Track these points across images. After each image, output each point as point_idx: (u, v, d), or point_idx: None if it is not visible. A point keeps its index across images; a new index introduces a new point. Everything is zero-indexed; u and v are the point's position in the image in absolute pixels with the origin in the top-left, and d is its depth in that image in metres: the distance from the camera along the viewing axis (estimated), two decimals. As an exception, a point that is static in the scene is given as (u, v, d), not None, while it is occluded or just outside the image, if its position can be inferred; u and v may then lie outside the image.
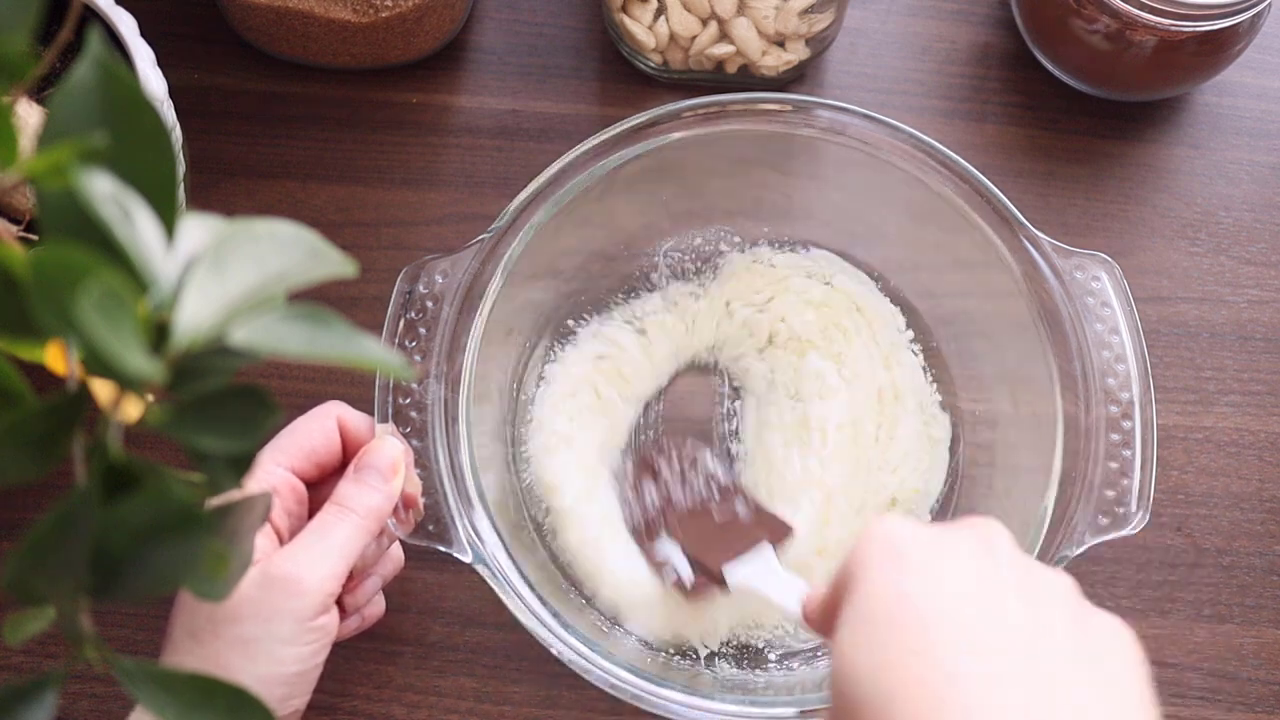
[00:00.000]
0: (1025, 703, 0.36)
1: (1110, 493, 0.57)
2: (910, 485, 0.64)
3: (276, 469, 0.53)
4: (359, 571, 0.57)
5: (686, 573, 0.60)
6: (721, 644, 0.62)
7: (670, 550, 0.60)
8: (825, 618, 0.44)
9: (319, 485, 0.55)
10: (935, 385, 0.66)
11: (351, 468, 0.53)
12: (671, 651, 0.61)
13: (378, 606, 0.59)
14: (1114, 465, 0.57)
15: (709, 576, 0.59)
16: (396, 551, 0.60)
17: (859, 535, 0.43)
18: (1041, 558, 0.56)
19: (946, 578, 0.40)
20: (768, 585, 0.56)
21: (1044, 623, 0.39)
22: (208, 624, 0.49)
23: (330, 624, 0.51)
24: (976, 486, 0.64)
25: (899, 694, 0.37)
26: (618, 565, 0.62)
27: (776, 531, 0.60)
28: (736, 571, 0.58)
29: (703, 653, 0.61)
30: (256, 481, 0.53)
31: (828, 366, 0.65)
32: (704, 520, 0.61)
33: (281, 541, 0.53)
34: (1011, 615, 0.39)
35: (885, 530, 0.42)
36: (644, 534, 0.62)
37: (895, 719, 0.37)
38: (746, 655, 0.62)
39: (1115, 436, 0.57)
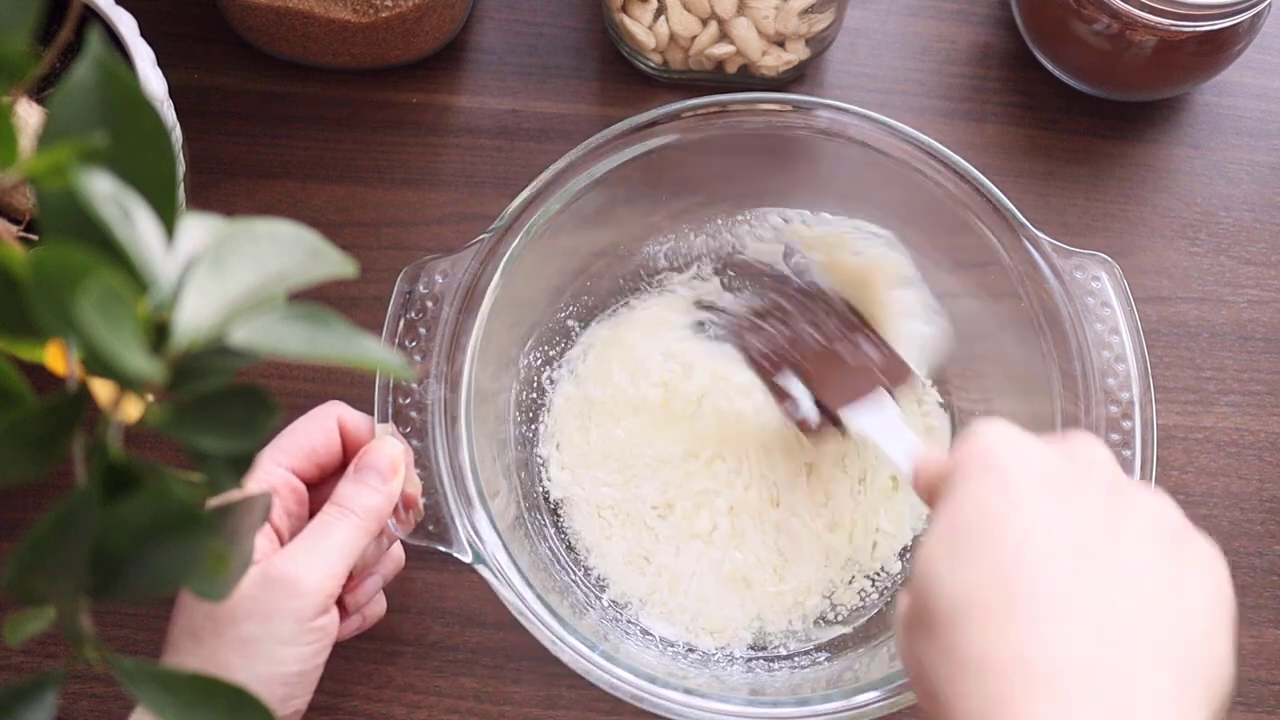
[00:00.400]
0: (1098, 624, 0.37)
1: (1110, 493, 0.56)
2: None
3: (276, 469, 0.53)
4: (359, 571, 0.57)
5: (811, 411, 0.59)
6: (728, 641, 0.62)
7: (795, 386, 0.60)
8: (930, 494, 0.45)
9: (319, 485, 0.55)
10: (934, 385, 0.66)
11: (351, 468, 0.53)
12: (685, 649, 0.61)
13: (378, 606, 0.59)
14: (1114, 465, 0.57)
15: (829, 418, 0.59)
16: (397, 551, 0.60)
17: (964, 435, 0.43)
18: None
19: (1039, 503, 0.40)
20: (885, 437, 0.56)
21: (1127, 558, 0.39)
22: (207, 624, 0.49)
23: (330, 624, 0.51)
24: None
25: (976, 600, 0.38)
26: (626, 560, 0.62)
27: (897, 374, 0.60)
28: (857, 418, 0.58)
29: (713, 647, 0.61)
30: (256, 482, 0.53)
31: None
32: (827, 359, 0.60)
33: (282, 542, 0.53)
34: (1096, 546, 0.39)
35: (988, 442, 0.42)
36: (767, 366, 0.61)
37: (967, 623, 0.38)
38: (755, 655, 0.62)
39: (1115, 436, 0.57)
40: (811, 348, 0.61)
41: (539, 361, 0.66)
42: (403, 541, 0.58)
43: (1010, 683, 0.37)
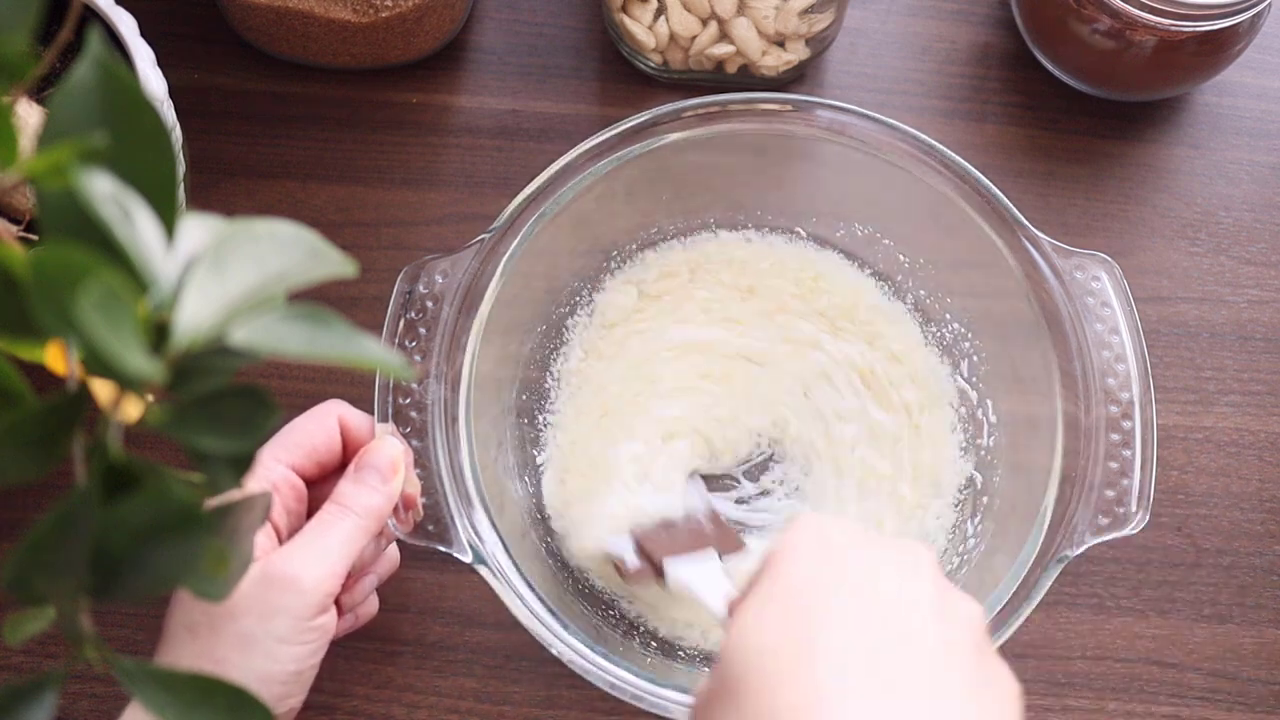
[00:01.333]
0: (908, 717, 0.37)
1: (1110, 493, 0.57)
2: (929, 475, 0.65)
3: (276, 465, 0.53)
4: (357, 571, 0.57)
5: (630, 557, 0.60)
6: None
7: (623, 540, 0.61)
8: (738, 603, 0.44)
9: (319, 484, 0.55)
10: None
11: (351, 467, 0.53)
12: (681, 650, 0.61)
13: (371, 605, 0.59)
14: (1114, 465, 0.57)
15: (652, 567, 0.59)
16: (393, 551, 0.60)
17: (790, 524, 0.43)
18: (1041, 557, 0.56)
19: (864, 577, 0.40)
20: (700, 584, 0.57)
21: (947, 644, 0.39)
22: (205, 619, 0.49)
23: (329, 623, 0.51)
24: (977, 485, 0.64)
25: (785, 679, 0.38)
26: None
27: (728, 543, 0.61)
28: (677, 567, 0.58)
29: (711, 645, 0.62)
30: (256, 478, 0.53)
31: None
32: (667, 526, 0.62)
33: (281, 539, 0.53)
34: (917, 629, 0.39)
35: (818, 523, 0.43)
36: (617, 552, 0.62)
37: (759, 678, 0.38)
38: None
39: (1115, 436, 0.57)
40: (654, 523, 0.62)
41: (538, 362, 0.66)
42: (403, 541, 0.58)
43: None
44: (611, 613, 0.62)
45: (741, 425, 0.66)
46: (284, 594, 0.49)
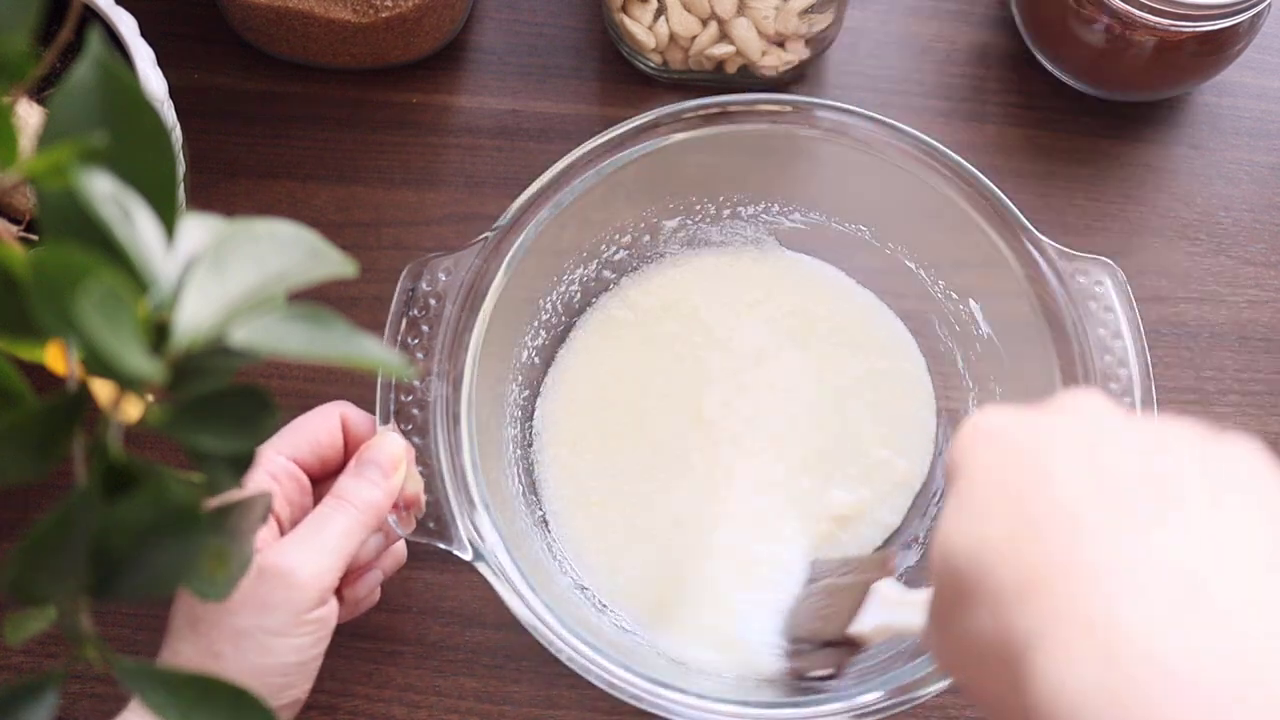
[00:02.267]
0: (1165, 544, 0.31)
1: (1110, 493, 0.56)
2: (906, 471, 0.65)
3: (278, 457, 0.53)
4: (358, 566, 0.56)
5: (822, 668, 0.54)
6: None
7: (800, 657, 0.56)
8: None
9: (320, 482, 0.55)
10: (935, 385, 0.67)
11: (353, 462, 0.53)
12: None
13: (372, 596, 0.59)
14: (1114, 466, 0.57)
15: (847, 648, 0.53)
16: (399, 547, 0.60)
17: (958, 431, 0.39)
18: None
19: (1054, 458, 0.35)
20: (896, 616, 0.52)
21: (1165, 467, 0.34)
22: (205, 613, 0.49)
23: (329, 615, 0.51)
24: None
25: (1014, 556, 0.33)
26: (623, 561, 0.62)
27: (881, 568, 0.55)
28: (864, 623, 0.52)
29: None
30: (259, 469, 0.53)
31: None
32: (811, 616, 0.57)
33: (282, 530, 0.53)
34: (1127, 466, 0.34)
35: (983, 422, 0.38)
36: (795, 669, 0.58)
37: (997, 586, 0.33)
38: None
39: (1115, 437, 0.57)
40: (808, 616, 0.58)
41: (539, 362, 0.66)
42: (404, 541, 0.58)
43: (1115, 584, 0.30)
44: (612, 614, 0.62)
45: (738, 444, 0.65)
46: (279, 588, 0.49)
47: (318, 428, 0.55)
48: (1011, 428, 0.37)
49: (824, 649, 0.54)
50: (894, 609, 0.52)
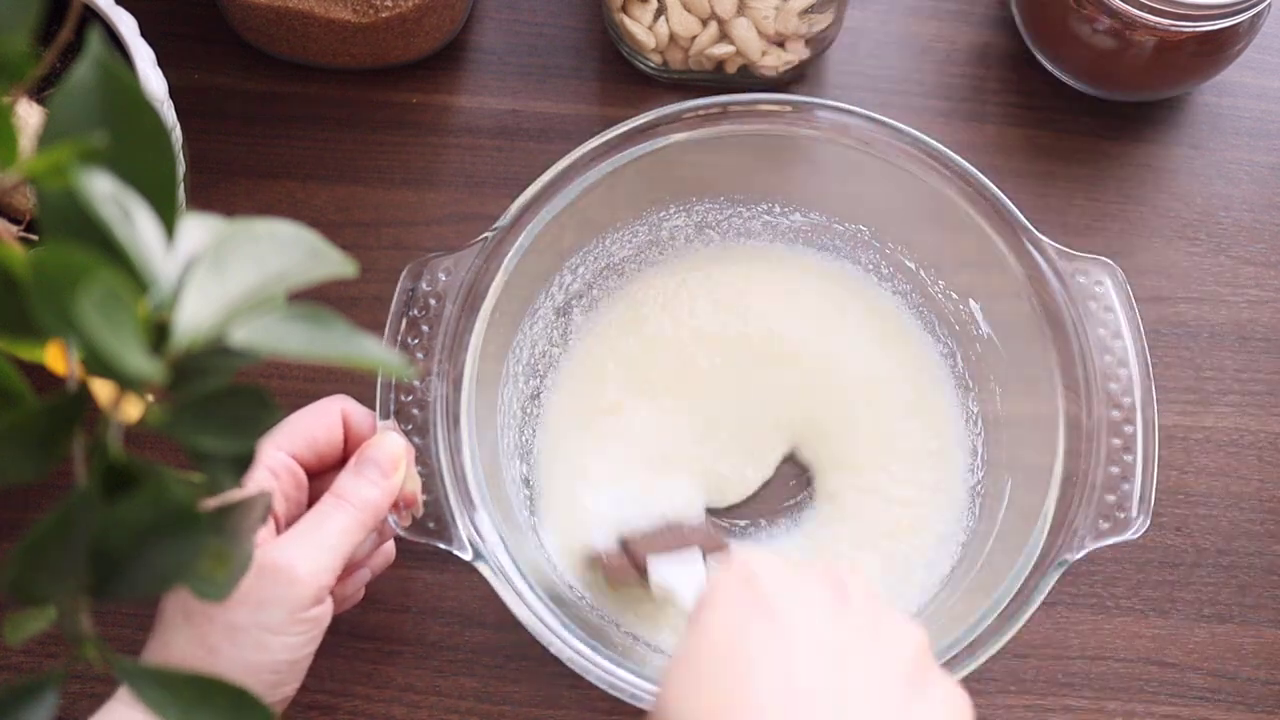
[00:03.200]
0: None
1: (1111, 497, 0.56)
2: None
3: (276, 453, 0.53)
4: (351, 564, 0.56)
5: (609, 547, 0.60)
6: None
7: (609, 541, 0.61)
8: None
9: (318, 477, 0.55)
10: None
11: (352, 461, 0.53)
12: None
13: (357, 595, 0.59)
14: (1115, 470, 0.57)
15: (635, 566, 0.59)
16: (388, 546, 0.60)
17: (726, 560, 0.43)
18: (1041, 561, 0.56)
19: (787, 622, 0.39)
20: (680, 584, 0.57)
21: (880, 672, 0.39)
22: (201, 606, 0.49)
23: (324, 614, 0.51)
24: (977, 487, 0.64)
25: None
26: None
27: (711, 543, 0.60)
28: (659, 566, 0.58)
29: None
30: (258, 464, 0.53)
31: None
32: (653, 531, 0.61)
33: (279, 527, 0.53)
34: (849, 665, 0.38)
35: (741, 567, 0.42)
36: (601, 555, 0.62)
37: None
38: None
39: (1116, 441, 0.57)
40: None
41: (541, 360, 0.66)
42: (403, 541, 0.58)
43: None
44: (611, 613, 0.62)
45: (746, 451, 0.65)
46: (278, 585, 0.49)
47: (316, 423, 0.55)
48: (759, 598, 0.41)
49: (624, 554, 0.60)
50: (686, 580, 0.57)
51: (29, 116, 0.57)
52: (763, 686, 0.38)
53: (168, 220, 0.28)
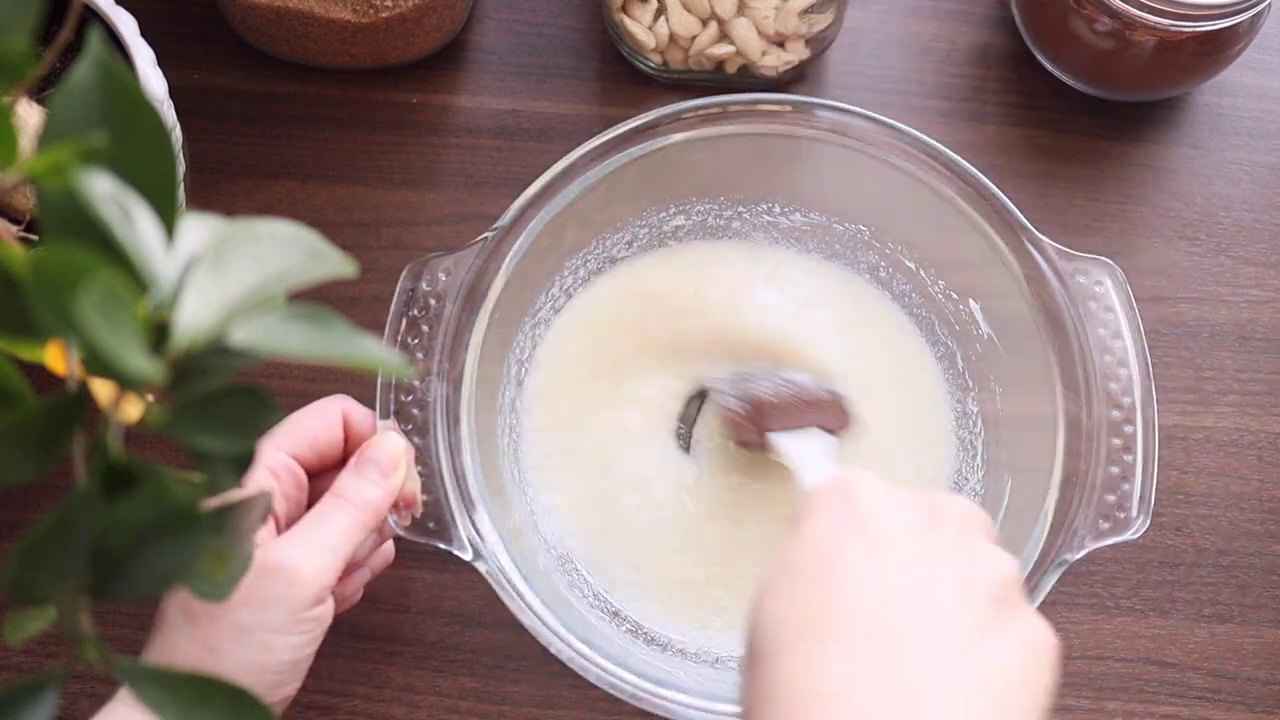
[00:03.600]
0: (899, 665, 0.37)
1: (1111, 497, 0.57)
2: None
3: (276, 453, 0.53)
4: (351, 564, 0.57)
5: (743, 405, 0.61)
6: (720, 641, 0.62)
7: (728, 393, 0.62)
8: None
9: (318, 477, 0.55)
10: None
11: (353, 461, 0.53)
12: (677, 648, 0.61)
13: (356, 594, 0.59)
14: (1115, 470, 0.57)
15: (762, 435, 0.60)
16: (388, 546, 0.60)
17: (814, 480, 0.43)
18: (1041, 561, 0.56)
19: (882, 539, 0.40)
20: (802, 460, 0.57)
21: (964, 598, 0.39)
22: (202, 607, 0.49)
23: (325, 614, 0.51)
24: (977, 487, 0.64)
25: (786, 632, 0.38)
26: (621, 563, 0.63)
27: (839, 419, 0.61)
28: (781, 440, 0.59)
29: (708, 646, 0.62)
30: (256, 465, 0.53)
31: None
32: (778, 403, 0.62)
33: (279, 527, 0.53)
34: (932, 590, 0.39)
35: (843, 481, 0.43)
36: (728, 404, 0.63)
37: (777, 655, 0.38)
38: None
39: (1116, 441, 0.57)
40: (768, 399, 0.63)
41: (541, 360, 0.66)
42: (404, 541, 0.58)
43: (801, 715, 0.37)
44: (612, 612, 0.62)
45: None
46: (280, 585, 0.49)
47: (317, 423, 0.55)
48: (864, 502, 0.42)
49: (752, 424, 0.61)
50: (803, 456, 0.58)
51: (29, 116, 0.57)
52: (850, 600, 0.39)
53: (168, 220, 0.28)
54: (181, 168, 0.35)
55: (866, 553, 0.40)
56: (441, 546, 0.55)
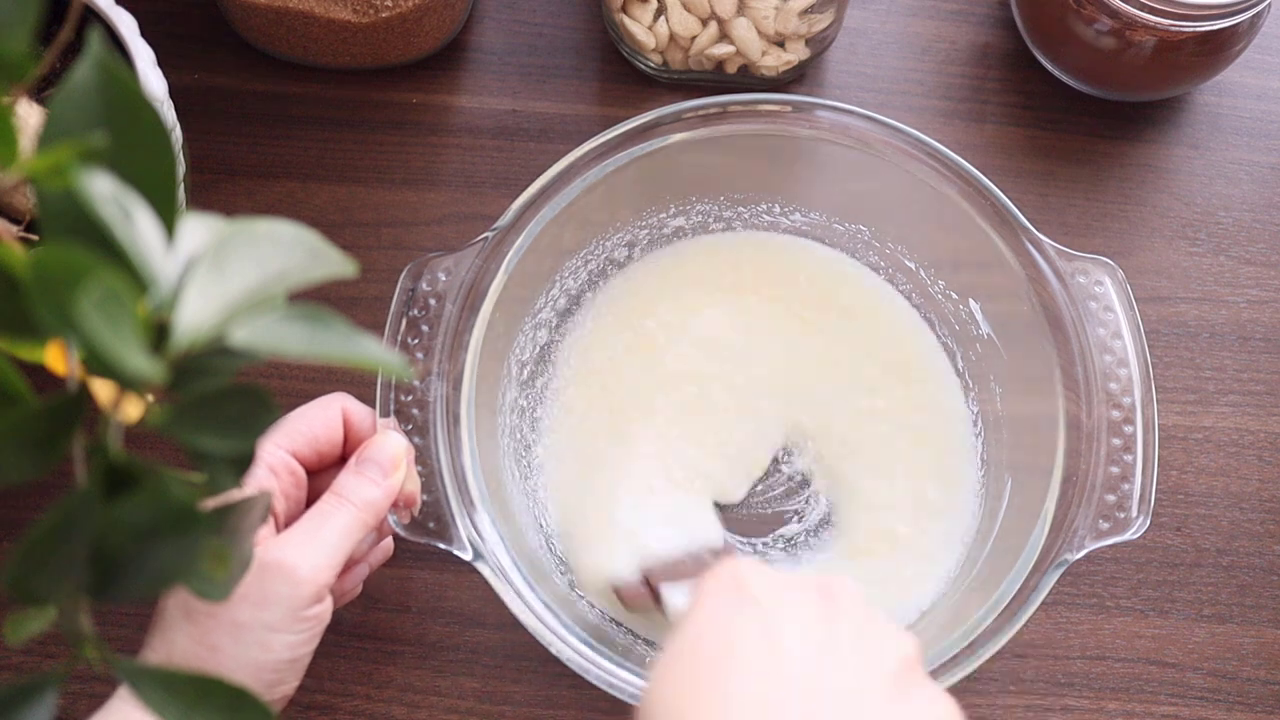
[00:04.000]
0: None
1: (1111, 497, 0.57)
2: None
3: (276, 451, 0.53)
4: (351, 560, 0.57)
5: (631, 584, 0.60)
6: None
7: (630, 571, 0.61)
8: None
9: (318, 475, 0.55)
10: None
11: (353, 460, 0.53)
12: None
13: (355, 590, 0.59)
14: (1115, 470, 0.57)
15: (651, 593, 0.59)
16: (387, 542, 0.60)
17: (708, 574, 0.43)
18: (1041, 561, 0.56)
19: (774, 625, 0.40)
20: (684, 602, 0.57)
21: (862, 680, 0.39)
22: (202, 605, 0.49)
23: (324, 613, 0.51)
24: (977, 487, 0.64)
25: (670, 712, 0.38)
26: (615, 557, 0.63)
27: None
28: (674, 593, 0.58)
29: None
30: (256, 464, 0.53)
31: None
32: (675, 560, 0.61)
33: (278, 525, 0.53)
34: (830, 671, 0.39)
35: (733, 570, 0.42)
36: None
37: None
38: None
39: (1116, 441, 0.57)
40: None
41: (541, 360, 0.66)
42: (404, 541, 0.58)
43: None
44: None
45: (749, 445, 0.65)
46: (279, 583, 0.49)
47: (317, 421, 0.55)
48: (754, 586, 0.41)
49: (643, 582, 0.60)
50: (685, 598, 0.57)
51: (29, 116, 0.57)
52: (744, 680, 0.38)
53: (168, 220, 0.28)
54: (181, 168, 0.35)
55: (759, 632, 0.40)
56: (441, 546, 0.55)
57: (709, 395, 0.65)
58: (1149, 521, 0.56)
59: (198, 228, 0.29)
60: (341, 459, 0.55)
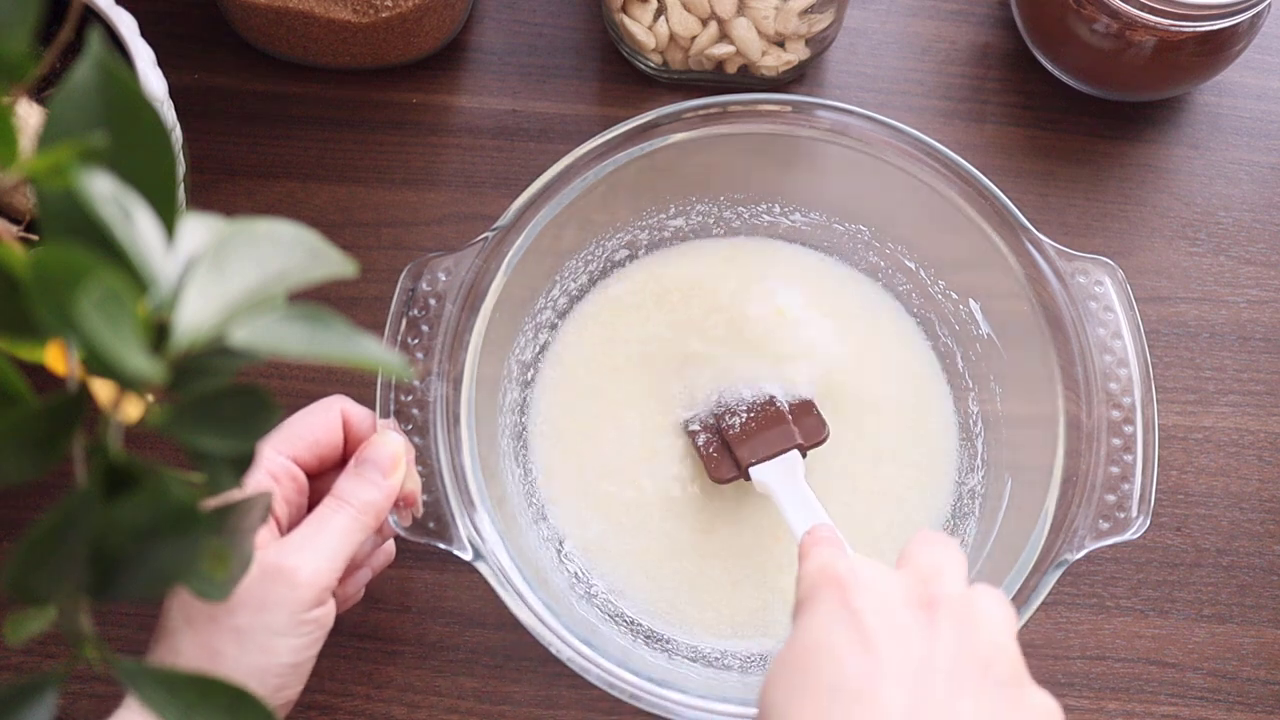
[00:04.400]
0: None
1: (1111, 497, 0.57)
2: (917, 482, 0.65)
3: (277, 456, 0.53)
4: (353, 564, 0.57)
5: (710, 440, 0.63)
6: (719, 638, 0.62)
7: (715, 445, 0.64)
8: (797, 594, 0.45)
9: (319, 477, 0.55)
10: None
11: (352, 462, 0.53)
12: (679, 648, 0.61)
13: (358, 594, 0.59)
14: (1115, 470, 0.57)
15: (738, 469, 0.62)
16: (389, 545, 0.60)
17: (811, 565, 0.44)
18: (1041, 561, 0.56)
19: (875, 640, 0.41)
20: (784, 497, 0.60)
21: (956, 702, 0.39)
22: (203, 611, 0.49)
23: (326, 616, 0.51)
24: (977, 487, 0.64)
25: None
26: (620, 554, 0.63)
27: (814, 429, 0.63)
28: (763, 472, 0.61)
29: (705, 646, 0.62)
30: (256, 467, 0.53)
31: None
32: (749, 425, 0.64)
33: (281, 530, 0.53)
34: (927, 688, 0.39)
35: (841, 573, 0.43)
36: (696, 430, 0.65)
37: None
38: (753, 662, 0.62)
39: (1116, 441, 0.57)
40: (740, 420, 0.64)
41: (541, 359, 0.66)
42: (404, 541, 0.58)
43: None
44: (612, 613, 0.62)
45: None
46: (281, 587, 0.49)
47: (316, 425, 0.55)
48: (854, 613, 0.42)
49: (725, 455, 0.63)
50: (786, 491, 0.60)
51: (29, 116, 0.57)
52: (838, 698, 0.40)
53: (168, 220, 0.28)
54: (181, 168, 0.35)
55: (862, 650, 0.41)
56: (441, 546, 0.55)
57: (708, 395, 0.65)
58: (1149, 521, 0.56)
59: (198, 228, 0.29)
60: (342, 461, 0.55)
